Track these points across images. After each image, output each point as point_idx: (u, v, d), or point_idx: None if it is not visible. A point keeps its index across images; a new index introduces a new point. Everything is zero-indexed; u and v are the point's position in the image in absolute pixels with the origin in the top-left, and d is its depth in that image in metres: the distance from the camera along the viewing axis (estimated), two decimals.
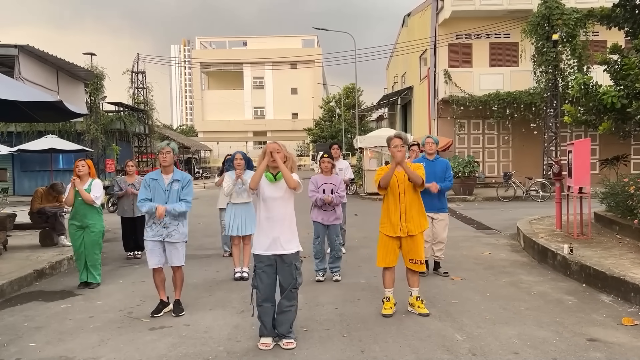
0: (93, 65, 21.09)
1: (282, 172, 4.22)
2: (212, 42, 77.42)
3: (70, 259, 7.76)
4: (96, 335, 4.63)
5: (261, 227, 4.30)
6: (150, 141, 26.84)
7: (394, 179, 4.99)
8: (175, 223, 5.21)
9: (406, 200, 4.98)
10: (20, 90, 6.46)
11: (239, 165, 6.60)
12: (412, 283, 5.13)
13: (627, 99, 8.39)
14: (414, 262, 5.05)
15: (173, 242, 5.21)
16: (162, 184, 5.22)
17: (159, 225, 5.17)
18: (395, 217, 5.00)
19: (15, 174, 23.36)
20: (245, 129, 67.60)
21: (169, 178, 5.25)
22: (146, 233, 5.24)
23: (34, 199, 9.13)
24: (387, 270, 5.13)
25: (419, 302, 5.07)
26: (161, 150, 5.23)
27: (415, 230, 5.02)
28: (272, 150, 4.21)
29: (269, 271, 4.26)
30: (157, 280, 5.31)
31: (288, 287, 4.26)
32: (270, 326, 4.27)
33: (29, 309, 5.57)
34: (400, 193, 4.98)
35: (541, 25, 18.66)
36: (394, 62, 34.85)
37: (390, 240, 5.06)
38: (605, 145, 20.42)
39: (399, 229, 4.99)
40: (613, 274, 5.59)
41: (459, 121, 22.40)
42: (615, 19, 9.82)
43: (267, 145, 4.32)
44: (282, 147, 4.29)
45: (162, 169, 5.28)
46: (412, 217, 5.01)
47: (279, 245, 4.24)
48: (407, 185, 4.98)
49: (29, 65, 7.99)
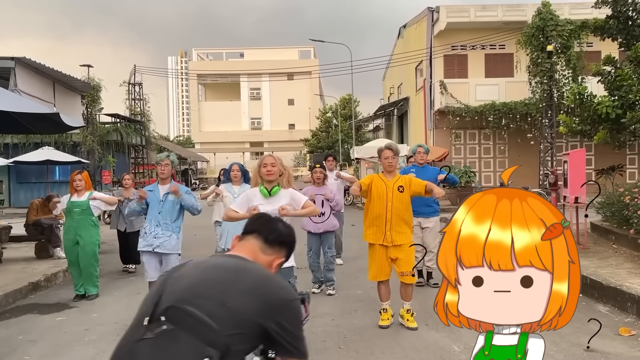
0: (90, 76, 21.12)
1: (298, 215, 4.26)
2: (209, 53, 77.71)
3: (66, 271, 7.71)
4: (92, 348, 4.60)
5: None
6: (147, 152, 26.82)
7: (383, 186, 4.96)
8: (168, 234, 5.20)
9: (394, 209, 4.91)
10: (17, 101, 6.48)
11: (236, 177, 6.54)
12: (404, 296, 5.05)
13: (622, 109, 8.47)
14: (404, 275, 4.98)
15: (165, 253, 5.20)
16: (157, 194, 5.24)
17: (150, 236, 5.16)
18: (380, 224, 4.93)
19: (11, 185, 23.28)
20: (243, 140, 67.67)
21: (165, 189, 5.27)
22: (139, 243, 5.24)
23: (30, 211, 9.10)
24: (381, 284, 5.10)
25: (409, 314, 5.02)
26: (160, 162, 5.25)
27: (401, 241, 4.92)
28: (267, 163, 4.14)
29: None
30: None
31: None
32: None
33: (24, 321, 5.53)
34: (388, 201, 4.91)
35: (536, 36, 18.80)
36: (390, 73, 35.02)
37: (378, 250, 4.99)
38: (600, 155, 20.51)
39: (383, 237, 4.93)
40: (610, 284, 5.60)
41: (455, 131, 22.48)
42: (608, 30, 9.93)
43: (262, 158, 4.26)
44: (277, 160, 4.21)
45: (160, 180, 5.30)
46: (399, 226, 4.92)
47: None
48: (397, 194, 4.93)
49: (25, 77, 8.01)
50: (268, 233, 1.98)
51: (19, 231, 9.45)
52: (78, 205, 6.49)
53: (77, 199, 6.52)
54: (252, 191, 4.22)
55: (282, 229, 2.03)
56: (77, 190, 6.52)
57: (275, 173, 4.13)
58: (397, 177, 5.05)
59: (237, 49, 78.83)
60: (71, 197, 6.54)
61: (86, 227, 6.46)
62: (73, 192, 6.55)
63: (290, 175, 4.32)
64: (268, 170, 4.12)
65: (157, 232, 5.15)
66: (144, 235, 5.20)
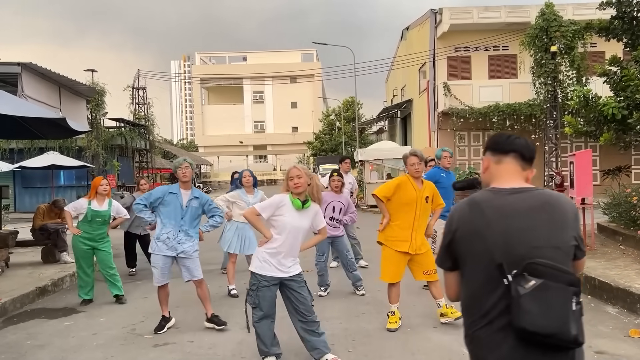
0: (94, 81, 21.20)
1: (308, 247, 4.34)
2: (212, 57, 77.94)
3: (73, 276, 7.73)
4: (100, 353, 4.60)
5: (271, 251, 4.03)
6: (151, 156, 26.88)
7: (412, 195, 4.98)
8: (191, 240, 5.18)
9: (420, 218, 5.01)
10: (24, 107, 6.50)
11: (248, 183, 6.61)
12: (437, 294, 5.07)
13: (628, 109, 8.43)
14: (428, 273, 5.02)
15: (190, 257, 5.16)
16: (181, 199, 5.13)
17: (173, 241, 5.09)
18: (407, 234, 4.98)
19: (17, 190, 23.35)
20: (246, 143, 67.77)
21: (188, 195, 5.19)
22: (157, 247, 5.10)
23: (36, 216, 9.12)
24: (392, 286, 5.10)
25: (450, 308, 5.02)
26: (179, 165, 5.18)
27: (424, 249, 5.05)
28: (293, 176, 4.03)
29: (271, 288, 4.05)
30: (162, 296, 5.23)
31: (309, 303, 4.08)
32: (271, 342, 4.11)
33: (32, 326, 5.54)
34: (417, 210, 4.97)
35: (539, 37, 18.77)
36: (393, 75, 35.02)
37: (398, 255, 5.02)
38: (606, 155, 20.44)
39: (409, 245, 4.97)
40: (618, 285, 5.56)
41: (459, 133, 22.45)
42: (613, 31, 9.89)
43: (288, 170, 4.13)
44: (302, 171, 4.08)
45: (181, 184, 5.20)
46: (422, 235, 5.07)
47: (285, 269, 4.04)
48: (423, 204, 5.01)
49: (31, 82, 8.04)
50: (525, 151, 2.02)
51: (25, 236, 9.47)
52: (101, 215, 6.43)
53: (99, 209, 6.42)
54: (281, 197, 4.08)
55: (531, 144, 2.09)
56: (100, 195, 6.45)
57: (303, 185, 4.02)
58: (424, 187, 5.12)
59: (239, 52, 78.99)
60: (91, 203, 6.42)
61: (103, 237, 6.48)
62: (94, 197, 6.45)
63: (319, 187, 4.18)
64: (295, 183, 4.01)
65: (181, 237, 5.10)
66: (166, 239, 5.08)
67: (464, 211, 1.95)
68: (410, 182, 5.06)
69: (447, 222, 2.01)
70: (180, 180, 5.19)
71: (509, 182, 1.96)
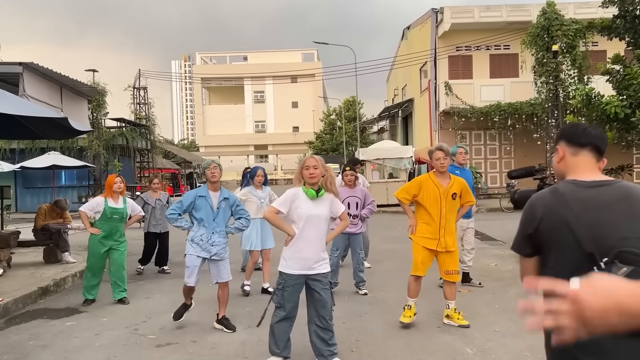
0: (95, 81, 21.20)
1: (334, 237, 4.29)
2: (213, 57, 77.96)
3: (75, 276, 7.72)
4: (102, 353, 4.59)
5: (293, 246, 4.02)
6: (152, 156, 26.88)
7: (436, 193, 4.91)
8: (224, 241, 5.18)
9: (447, 215, 4.92)
10: (25, 106, 6.49)
11: (259, 182, 6.73)
12: (449, 295, 5.03)
13: (630, 108, 8.41)
14: (450, 273, 4.97)
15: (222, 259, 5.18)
16: (211, 201, 5.12)
17: (207, 243, 5.10)
18: (434, 231, 4.93)
19: (18, 190, 23.36)
20: (247, 143, 67.78)
21: (218, 196, 5.18)
22: (192, 248, 5.11)
23: (38, 216, 9.11)
24: (414, 280, 5.05)
25: (457, 313, 4.98)
26: (208, 166, 5.17)
27: (453, 247, 4.98)
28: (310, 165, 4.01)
29: (297, 288, 4.03)
30: (189, 292, 5.28)
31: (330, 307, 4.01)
32: (284, 345, 4.07)
33: (34, 327, 5.53)
34: (442, 207, 4.90)
35: (541, 36, 18.75)
36: (394, 75, 35.01)
37: (425, 251, 4.99)
38: (607, 154, 19.64)
39: (437, 243, 4.93)
40: None
41: (460, 132, 22.43)
42: (616, 30, 9.88)
43: (304, 160, 4.12)
44: (319, 162, 4.06)
45: (210, 186, 5.19)
46: (451, 232, 4.98)
47: (310, 266, 4.00)
48: (450, 201, 4.93)
49: (33, 82, 8.03)
50: (601, 144, 2.07)
51: (27, 236, 9.47)
52: (119, 212, 6.42)
53: (116, 206, 6.42)
54: (294, 191, 4.07)
55: (604, 135, 2.10)
56: (115, 193, 6.46)
57: (318, 175, 4.01)
58: (451, 182, 4.99)
59: (240, 52, 79.01)
60: (107, 201, 6.41)
61: (119, 235, 6.47)
62: (109, 195, 6.44)
63: (333, 178, 4.16)
64: (311, 173, 3.99)
65: (214, 239, 5.11)
66: (199, 242, 5.09)
67: (548, 201, 1.97)
68: (432, 180, 4.98)
69: (528, 211, 2.03)
70: (209, 181, 5.17)
71: (588, 175, 2.00)
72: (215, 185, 5.18)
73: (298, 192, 4.06)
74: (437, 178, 4.99)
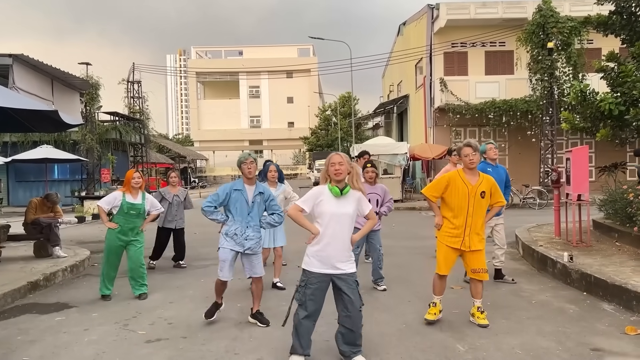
0: (89, 74, 21.04)
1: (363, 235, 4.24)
2: (208, 51, 77.61)
3: (65, 270, 7.65)
4: (91, 349, 4.54)
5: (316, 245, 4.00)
6: (146, 151, 26.74)
7: (464, 190, 4.79)
8: (258, 236, 5.14)
9: (474, 214, 4.80)
10: (15, 99, 6.40)
11: (273, 177, 6.64)
12: (475, 294, 4.98)
13: (625, 105, 8.40)
14: (477, 272, 4.90)
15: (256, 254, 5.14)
16: (246, 195, 5.09)
17: (241, 237, 5.06)
18: (459, 231, 4.84)
19: (10, 184, 23.20)
20: (242, 138, 67.62)
21: (253, 190, 5.14)
22: (226, 242, 5.10)
23: (29, 210, 9.03)
24: (439, 278, 5.01)
25: (479, 312, 4.92)
26: (245, 160, 5.10)
27: (479, 246, 4.87)
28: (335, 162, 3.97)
29: (323, 287, 4.01)
30: (221, 288, 5.22)
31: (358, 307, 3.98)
32: (307, 344, 4.04)
33: (23, 322, 5.47)
34: (469, 206, 4.79)
35: (536, 33, 18.76)
36: (390, 71, 34.96)
37: (448, 250, 4.92)
38: (601, 152, 20.48)
39: (461, 242, 4.85)
40: (614, 282, 5.54)
41: (455, 129, 22.44)
42: (612, 26, 9.85)
43: (330, 157, 4.06)
44: (344, 159, 4.00)
45: (246, 180, 5.14)
46: (477, 232, 4.86)
47: (335, 265, 3.96)
48: (478, 200, 4.79)
49: (23, 74, 7.93)
50: None
51: (17, 230, 9.39)
52: (136, 208, 6.34)
53: (134, 201, 6.34)
54: (320, 189, 4.04)
55: None
56: (134, 189, 6.36)
57: (344, 172, 3.96)
58: (480, 180, 4.86)
59: (236, 47, 78.69)
60: (125, 196, 6.33)
61: (138, 231, 6.41)
62: (128, 190, 6.35)
63: (359, 175, 4.11)
64: (336, 169, 3.95)
65: (249, 233, 5.07)
66: (234, 235, 5.06)
67: None
68: (460, 177, 4.85)
69: None
70: (244, 176, 5.12)
71: None
72: (251, 180, 5.14)
73: (323, 190, 4.03)
74: (467, 175, 4.86)
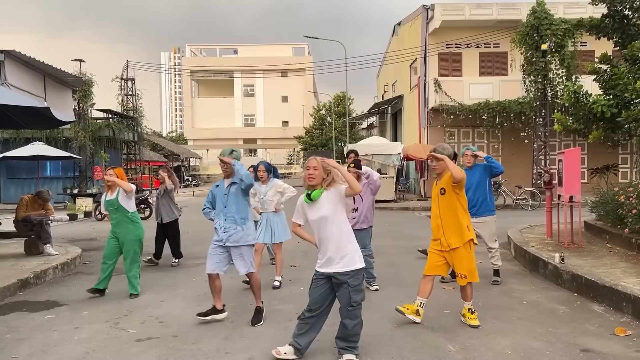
0: (82, 72, 20.91)
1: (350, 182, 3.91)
2: (203, 49, 77.34)
3: (56, 268, 7.61)
4: (81, 347, 4.51)
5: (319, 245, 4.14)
6: (139, 149, 26.61)
7: (434, 193, 5.02)
8: (234, 227, 5.15)
9: (442, 214, 4.91)
10: (6, 95, 6.35)
11: (262, 177, 6.80)
12: (463, 297, 5.02)
13: (617, 108, 8.45)
14: (458, 276, 4.98)
15: (237, 246, 5.13)
16: (222, 188, 5.29)
17: (220, 230, 5.17)
18: (438, 232, 4.97)
19: (2, 181, 23.04)
20: (236, 137, 67.43)
21: (229, 182, 5.27)
22: (214, 237, 5.25)
23: (20, 207, 8.96)
24: (425, 279, 5.07)
25: (470, 313, 4.97)
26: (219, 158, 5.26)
27: (457, 243, 4.87)
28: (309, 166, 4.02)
29: (321, 284, 4.09)
30: (211, 286, 5.26)
31: (345, 306, 4.07)
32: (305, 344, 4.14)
33: (12, 319, 5.43)
34: (436, 207, 4.98)
35: (530, 35, 18.84)
36: (385, 71, 34.99)
37: (435, 253, 5.02)
38: (593, 154, 20.60)
39: (440, 243, 4.95)
40: (605, 284, 5.57)
41: (449, 130, 22.49)
42: (604, 29, 9.92)
43: (307, 160, 4.10)
44: (320, 163, 4.02)
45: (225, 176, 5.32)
46: (452, 229, 4.87)
47: (331, 264, 4.04)
48: (442, 198, 4.91)
49: (15, 70, 7.88)
50: None
51: (8, 227, 9.33)
52: (111, 204, 6.38)
53: (109, 197, 6.42)
54: (299, 200, 4.18)
55: None
56: (109, 187, 6.45)
57: (317, 177, 3.99)
58: (441, 179, 4.95)
59: (230, 45, 78.45)
60: (106, 194, 6.48)
61: (123, 225, 6.37)
62: (107, 189, 6.51)
63: (337, 175, 4.05)
64: (309, 174, 3.99)
65: (226, 226, 5.14)
66: (217, 230, 5.20)
67: None
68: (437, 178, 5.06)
69: None
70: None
71: None
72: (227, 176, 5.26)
73: (300, 199, 4.17)
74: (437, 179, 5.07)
